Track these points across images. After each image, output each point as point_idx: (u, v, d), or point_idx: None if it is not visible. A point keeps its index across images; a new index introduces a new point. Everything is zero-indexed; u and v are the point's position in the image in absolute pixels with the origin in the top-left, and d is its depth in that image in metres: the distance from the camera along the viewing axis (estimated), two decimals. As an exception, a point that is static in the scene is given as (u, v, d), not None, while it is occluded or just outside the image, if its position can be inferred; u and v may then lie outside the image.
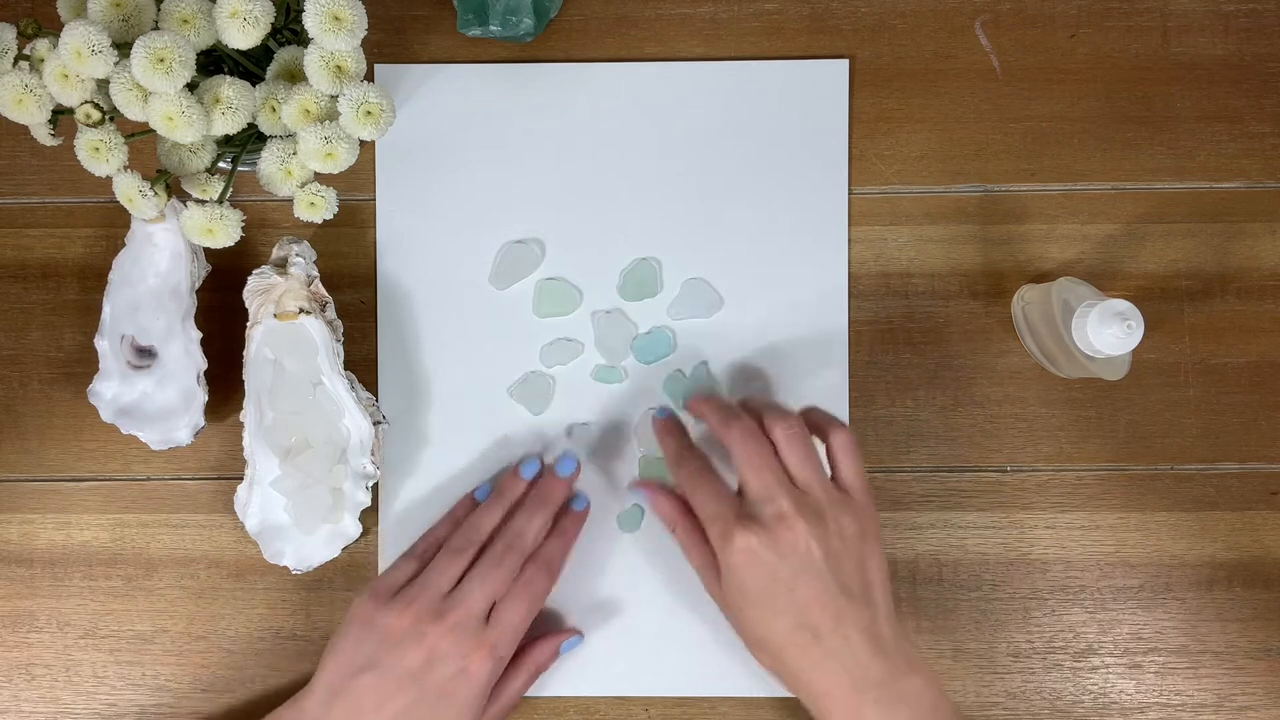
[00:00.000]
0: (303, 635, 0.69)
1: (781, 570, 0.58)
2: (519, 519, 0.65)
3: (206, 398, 0.66)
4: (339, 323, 0.67)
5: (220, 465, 0.69)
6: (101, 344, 0.67)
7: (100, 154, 0.55)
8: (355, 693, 0.60)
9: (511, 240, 0.69)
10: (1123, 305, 0.59)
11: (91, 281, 0.69)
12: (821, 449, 0.62)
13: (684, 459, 0.64)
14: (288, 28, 0.59)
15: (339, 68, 0.55)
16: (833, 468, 0.62)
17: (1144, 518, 0.68)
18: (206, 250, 0.68)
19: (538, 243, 0.69)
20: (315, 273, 0.66)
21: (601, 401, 0.69)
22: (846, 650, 0.58)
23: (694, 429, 0.67)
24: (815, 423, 0.63)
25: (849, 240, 0.69)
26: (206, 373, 0.66)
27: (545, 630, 0.67)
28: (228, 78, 0.56)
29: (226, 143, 0.60)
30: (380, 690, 0.60)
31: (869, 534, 0.60)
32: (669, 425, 0.66)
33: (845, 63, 0.69)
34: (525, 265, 0.69)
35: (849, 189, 0.69)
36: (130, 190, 0.56)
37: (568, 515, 0.67)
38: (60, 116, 0.57)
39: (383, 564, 0.68)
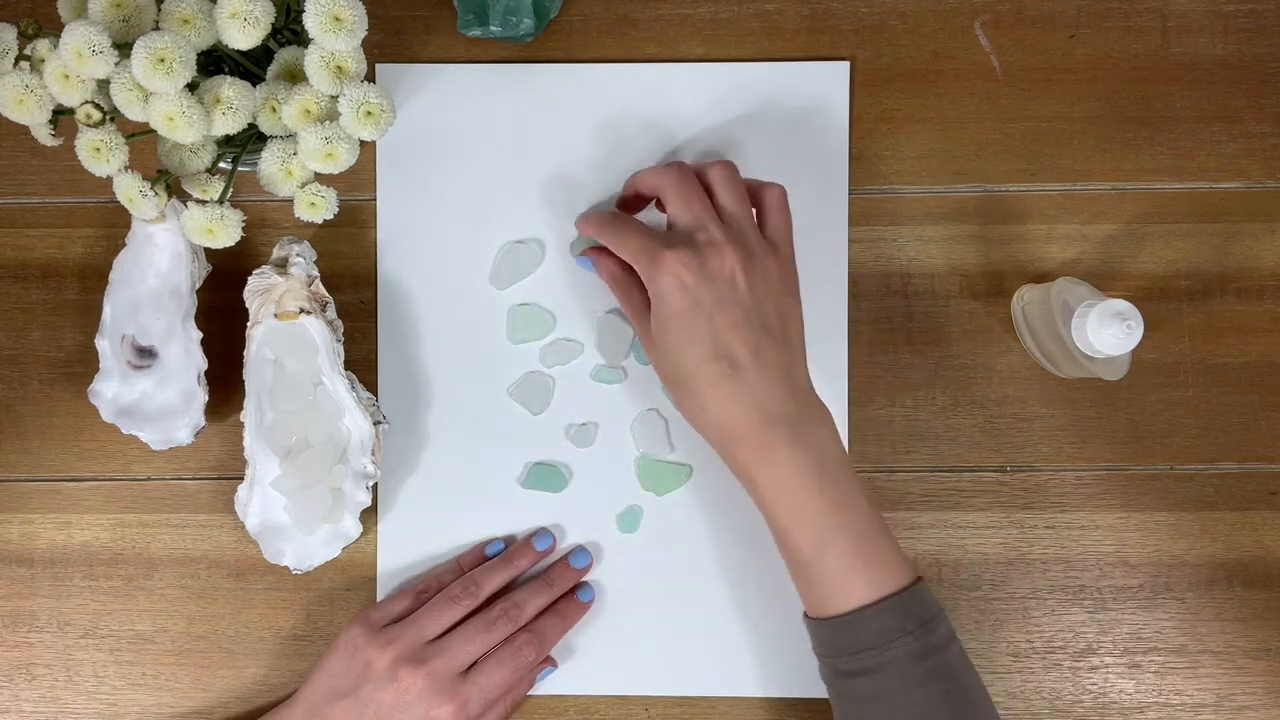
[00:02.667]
0: (303, 635, 0.69)
1: (705, 295, 0.58)
2: (521, 592, 0.66)
3: (207, 398, 0.66)
4: (339, 323, 0.67)
5: (220, 465, 0.69)
6: (102, 344, 0.67)
7: (101, 154, 0.55)
8: (330, 717, 0.62)
9: (511, 240, 0.69)
10: (1122, 305, 0.59)
11: (92, 281, 0.69)
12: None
13: (606, 217, 0.64)
14: (288, 28, 0.59)
15: (339, 68, 0.55)
16: (761, 222, 0.62)
17: (1144, 518, 0.68)
18: (207, 250, 0.68)
19: (538, 243, 0.69)
20: (315, 273, 0.66)
21: (601, 402, 0.69)
22: (762, 385, 0.58)
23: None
24: (747, 187, 0.63)
25: (849, 240, 0.69)
26: (207, 373, 0.66)
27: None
28: (228, 78, 0.56)
29: (227, 143, 0.60)
30: None
31: (790, 285, 0.61)
32: (585, 213, 0.67)
33: (845, 65, 0.69)
34: (525, 265, 0.69)
35: (849, 189, 0.69)
36: (131, 190, 0.56)
37: (571, 601, 0.67)
38: (61, 116, 0.57)
39: (382, 564, 0.69)
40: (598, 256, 0.66)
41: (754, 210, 0.63)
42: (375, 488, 0.67)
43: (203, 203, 0.58)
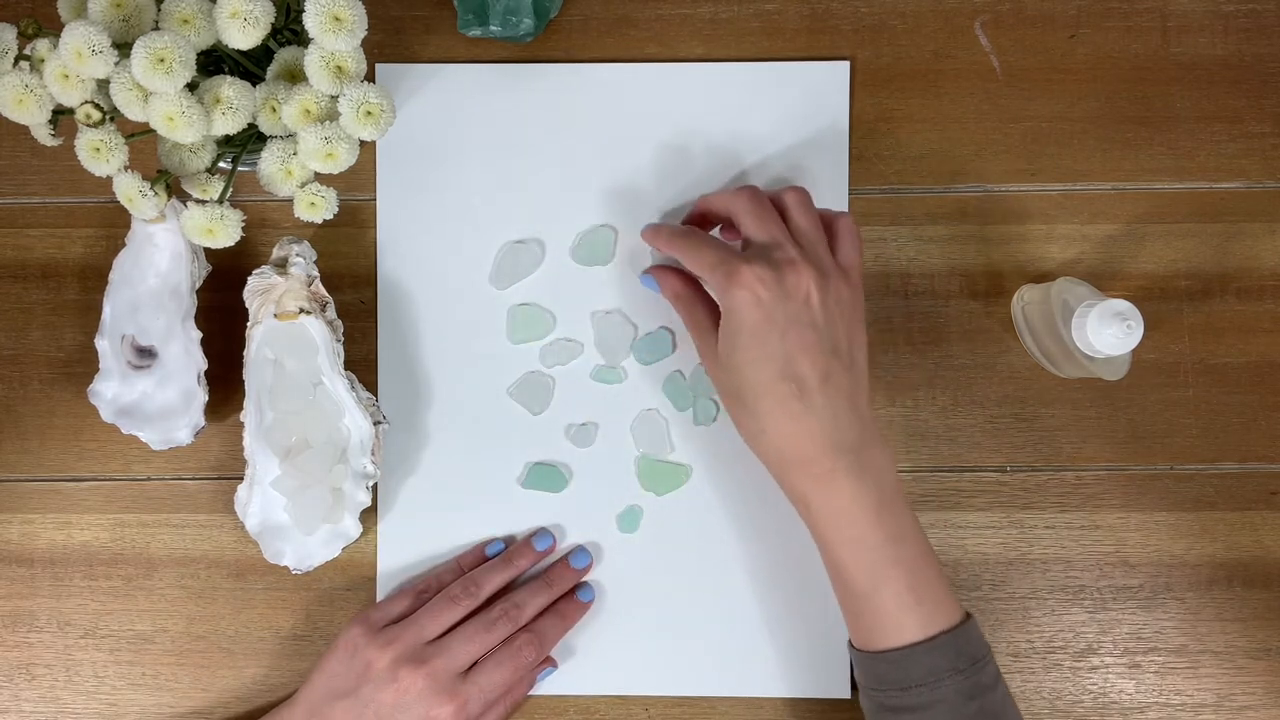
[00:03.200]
0: (303, 635, 0.69)
1: (779, 313, 0.58)
2: (521, 592, 0.66)
3: (206, 398, 0.66)
4: (339, 323, 0.67)
5: (220, 465, 0.69)
6: (102, 344, 0.67)
7: (101, 154, 0.55)
8: (330, 717, 0.62)
9: (511, 240, 0.69)
10: (1122, 305, 0.59)
11: (92, 281, 0.69)
12: None
13: (679, 228, 0.64)
14: (288, 28, 0.59)
15: (339, 68, 0.55)
16: (834, 248, 0.62)
17: (1144, 518, 0.68)
18: (207, 250, 0.68)
19: (538, 243, 0.69)
20: (315, 273, 0.66)
21: (601, 402, 0.69)
22: (829, 411, 0.58)
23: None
24: (821, 214, 0.63)
25: (849, 240, 0.69)
26: (207, 373, 0.66)
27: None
28: (228, 78, 0.56)
29: (227, 143, 0.60)
30: None
31: (859, 312, 0.61)
32: (655, 225, 0.66)
33: (846, 65, 0.69)
34: (525, 265, 0.69)
35: (849, 189, 0.69)
36: (130, 190, 0.56)
37: (571, 601, 0.67)
38: (60, 116, 0.57)
39: (382, 564, 0.69)
40: (662, 274, 0.66)
41: (827, 233, 0.63)
42: (375, 488, 0.67)
43: (203, 203, 0.58)
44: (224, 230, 0.58)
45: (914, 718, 0.57)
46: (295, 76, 0.58)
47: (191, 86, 0.54)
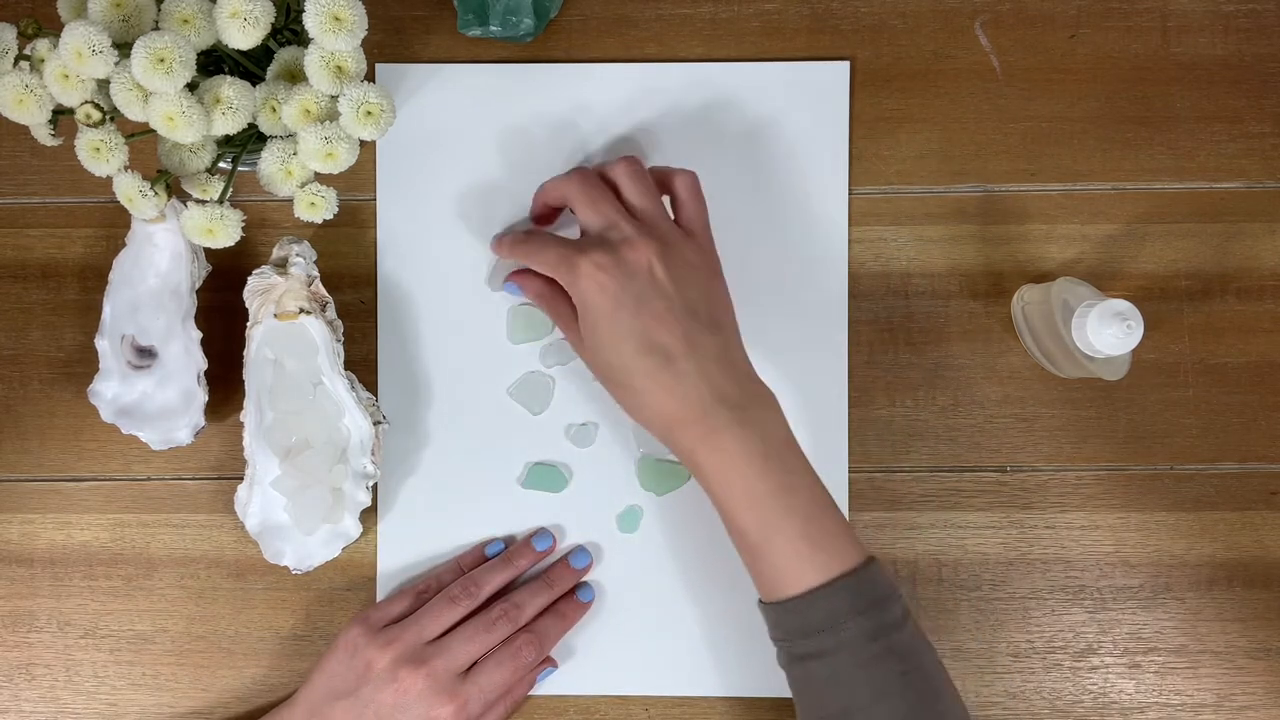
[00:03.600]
0: (303, 635, 0.69)
1: (625, 293, 0.59)
2: (521, 592, 0.66)
3: (206, 398, 0.66)
4: (339, 323, 0.67)
5: (220, 465, 0.69)
6: (102, 344, 0.67)
7: (101, 154, 0.55)
8: (330, 717, 0.62)
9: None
10: (1122, 305, 0.59)
11: (92, 281, 0.69)
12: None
13: (517, 237, 0.65)
14: (288, 28, 0.59)
15: (339, 68, 0.55)
16: (675, 211, 0.63)
17: (1144, 518, 0.68)
18: (206, 250, 0.68)
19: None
20: (315, 273, 0.66)
21: (601, 402, 0.69)
22: (698, 373, 0.58)
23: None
24: (659, 176, 0.63)
25: (849, 240, 0.69)
26: (206, 373, 0.66)
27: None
28: (228, 78, 0.56)
29: (227, 143, 0.59)
30: None
31: (712, 269, 0.61)
32: (497, 236, 0.68)
33: (845, 65, 0.69)
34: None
35: (849, 189, 0.69)
36: (130, 190, 0.56)
37: (570, 601, 0.67)
38: (60, 116, 0.57)
39: (382, 564, 0.69)
40: (522, 279, 0.67)
41: (668, 199, 0.64)
42: (375, 488, 0.67)
43: (203, 203, 0.58)
44: (224, 230, 0.58)
45: (820, 664, 0.57)
46: (295, 76, 0.58)
47: (191, 86, 0.54)
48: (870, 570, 0.58)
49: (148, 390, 0.67)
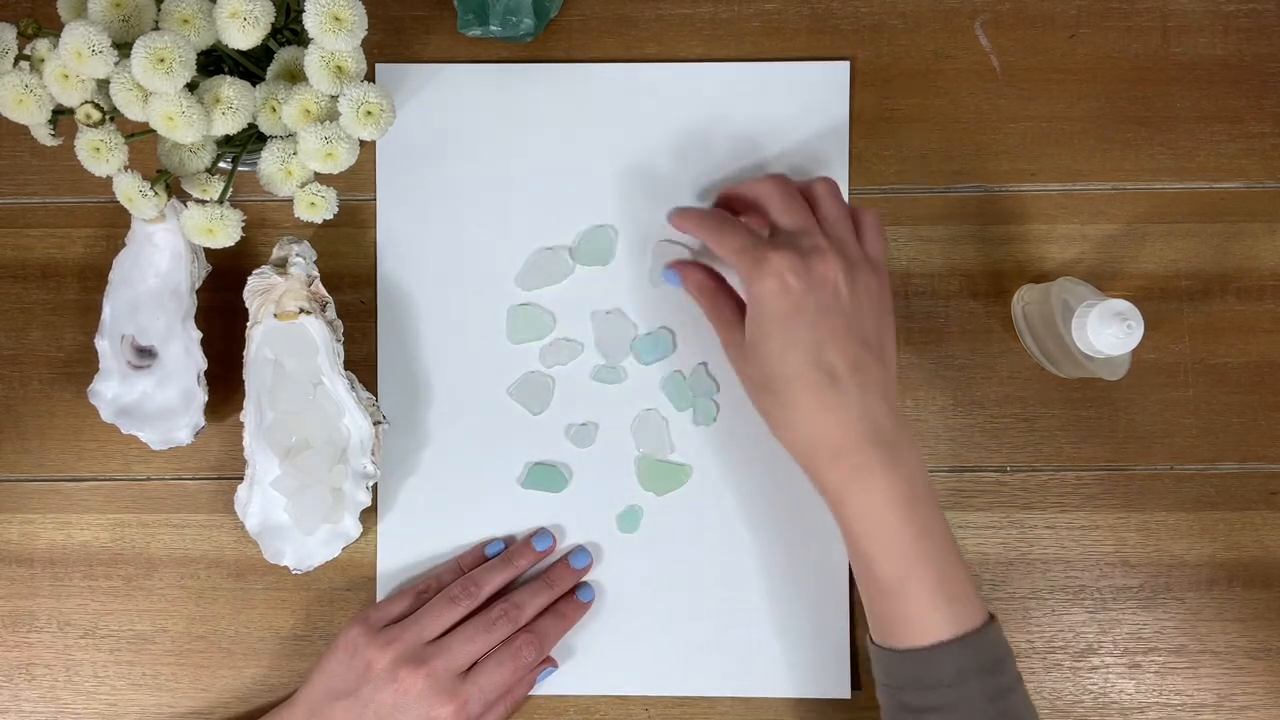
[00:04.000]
0: (303, 635, 0.69)
1: (808, 301, 0.57)
2: (521, 592, 0.66)
3: (206, 398, 0.66)
4: (339, 323, 0.67)
5: (220, 465, 0.69)
6: (101, 344, 0.67)
7: (100, 154, 0.55)
8: (330, 717, 0.62)
9: (542, 247, 0.69)
10: (1122, 305, 0.59)
11: (92, 281, 0.69)
12: None
13: (706, 211, 0.63)
14: (288, 28, 0.59)
15: (339, 68, 0.55)
16: (860, 240, 0.61)
17: (1144, 518, 0.68)
18: (206, 250, 0.68)
19: (566, 250, 0.69)
20: (315, 273, 0.66)
21: (601, 402, 0.69)
22: (861, 401, 0.57)
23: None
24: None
25: (849, 240, 0.69)
26: (206, 373, 0.66)
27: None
28: (228, 78, 0.56)
29: (226, 143, 0.60)
30: None
31: (887, 302, 0.60)
32: (682, 209, 0.66)
33: (846, 65, 0.69)
34: (554, 273, 0.69)
35: (849, 189, 0.69)
36: (130, 190, 0.56)
37: (570, 601, 0.67)
38: (60, 116, 0.57)
39: (382, 564, 0.69)
40: (684, 268, 0.66)
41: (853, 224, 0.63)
42: (375, 488, 0.67)
43: (203, 203, 0.58)
44: (224, 230, 0.58)
45: (937, 717, 0.56)
46: (295, 76, 0.58)
47: (191, 86, 0.54)
48: (994, 629, 0.57)
49: (148, 390, 0.67)
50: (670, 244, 0.69)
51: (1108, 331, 0.59)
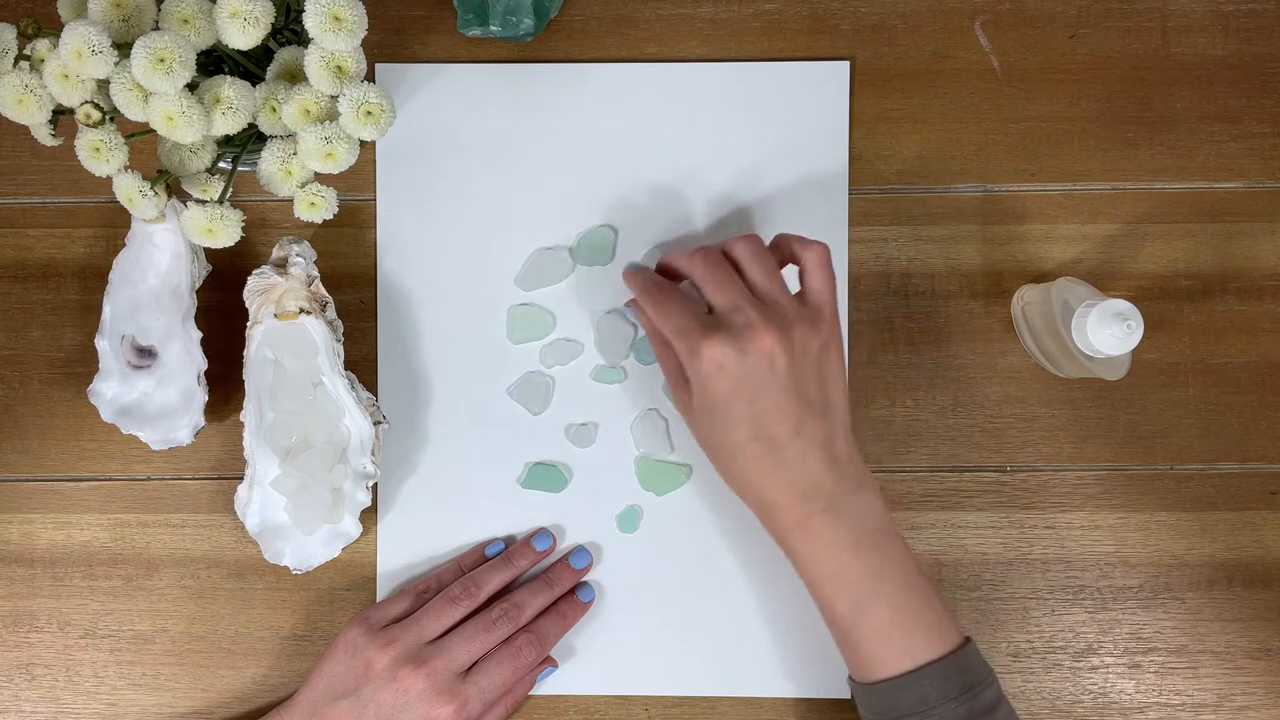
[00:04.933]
0: (303, 635, 0.69)
1: (745, 380, 0.58)
2: (521, 592, 0.66)
3: (207, 398, 0.66)
4: (339, 323, 0.67)
5: (220, 465, 0.69)
6: (102, 344, 0.67)
7: (101, 154, 0.55)
8: (331, 717, 0.62)
9: (542, 248, 0.69)
10: (1123, 305, 0.59)
11: (92, 281, 0.69)
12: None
13: (649, 286, 0.64)
14: (288, 28, 0.59)
15: (339, 68, 0.55)
16: (802, 285, 0.62)
17: (1144, 518, 0.68)
18: (207, 250, 0.68)
19: (566, 250, 0.69)
20: (315, 273, 0.66)
21: (601, 402, 0.69)
22: (799, 463, 0.59)
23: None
24: (787, 245, 0.63)
25: (849, 240, 0.69)
26: (207, 373, 0.66)
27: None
28: (228, 78, 0.56)
29: (227, 143, 0.60)
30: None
31: (832, 349, 0.61)
32: (633, 268, 0.67)
33: (846, 64, 0.69)
34: (552, 274, 0.69)
35: (849, 189, 0.69)
36: (130, 190, 0.56)
37: (570, 601, 0.67)
38: (60, 116, 0.57)
39: (382, 564, 0.69)
40: (639, 310, 0.66)
41: (797, 268, 0.62)
42: (375, 488, 0.67)
43: (203, 202, 0.58)
44: (224, 230, 0.58)
45: None
46: (295, 76, 0.58)
47: (191, 86, 0.54)
48: (963, 655, 0.58)
49: (148, 390, 0.67)
50: (666, 246, 0.69)
51: (1108, 331, 0.59)
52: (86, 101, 0.53)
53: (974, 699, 0.57)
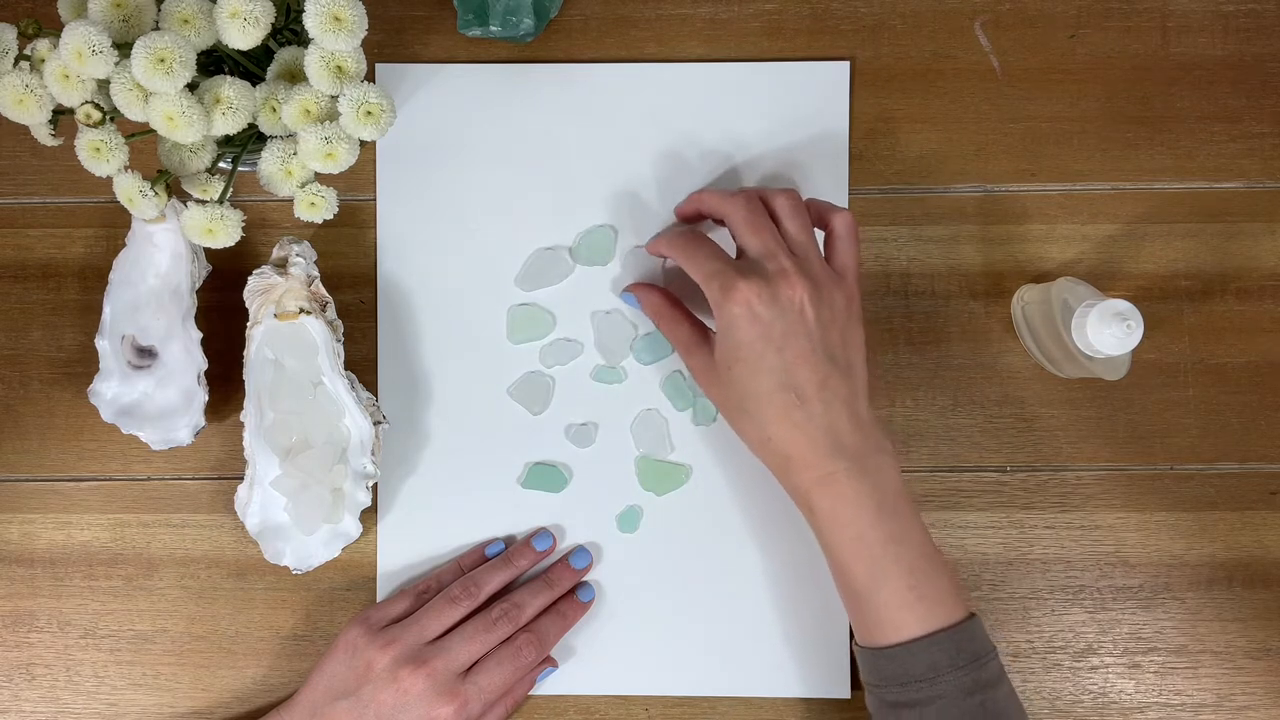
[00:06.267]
0: (303, 635, 0.69)
1: (775, 326, 0.59)
2: (521, 592, 0.66)
3: (207, 398, 0.66)
4: (339, 323, 0.67)
5: (220, 465, 0.69)
6: (102, 344, 0.67)
7: (101, 154, 0.55)
8: (331, 717, 0.62)
9: (542, 247, 0.69)
10: (1123, 305, 0.59)
11: (92, 281, 0.69)
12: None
13: (679, 233, 0.64)
14: (288, 28, 0.59)
15: (339, 68, 0.55)
16: (829, 250, 0.63)
17: (1144, 518, 0.68)
18: (207, 250, 0.68)
19: (565, 250, 0.69)
20: (315, 273, 0.66)
21: (601, 402, 0.69)
22: (827, 417, 0.59)
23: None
24: (818, 210, 0.63)
25: (849, 240, 0.69)
26: (207, 373, 0.66)
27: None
28: (228, 78, 0.56)
29: (227, 143, 0.60)
30: None
31: (854, 313, 0.61)
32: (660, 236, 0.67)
33: (846, 64, 0.69)
34: (552, 274, 0.69)
35: (849, 189, 0.69)
36: (131, 190, 0.56)
37: (570, 601, 0.67)
38: (61, 116, 0.57)
39: (382, 564, 0.69)
40: (642, 293, 0.67)
41: (824, 232, 0.63)
42: (375, 488, 0.67)
43: (203, 203, 0.58)
44: (224, 230, 0.58)
45: (914, 713, 0.57)
46: (295, 76, 0.58)
47: (191, 86, 0.54)
48: (971, 626, 0.58)
49: (148, 390, 0.67)
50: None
51: (1108, 331, 0.59)
52: (87, 101, 0.53)
53: (981, 669, 0.57)
